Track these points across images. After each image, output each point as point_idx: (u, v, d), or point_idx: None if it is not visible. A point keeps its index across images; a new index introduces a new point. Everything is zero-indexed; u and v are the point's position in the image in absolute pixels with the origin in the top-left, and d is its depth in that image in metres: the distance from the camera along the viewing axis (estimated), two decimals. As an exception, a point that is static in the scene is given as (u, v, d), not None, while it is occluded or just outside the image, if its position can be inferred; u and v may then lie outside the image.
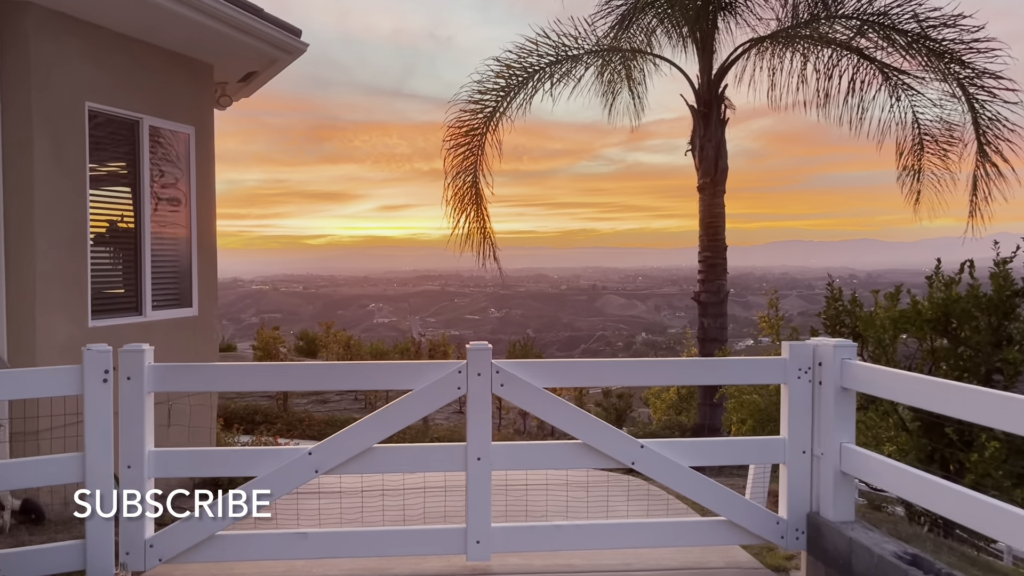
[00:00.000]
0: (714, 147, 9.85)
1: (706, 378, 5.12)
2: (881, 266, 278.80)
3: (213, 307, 8.03)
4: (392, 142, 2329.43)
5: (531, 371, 4.47)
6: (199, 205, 7.84)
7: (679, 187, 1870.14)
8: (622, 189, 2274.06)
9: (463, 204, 9.61)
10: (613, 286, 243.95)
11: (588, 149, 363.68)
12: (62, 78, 6.36)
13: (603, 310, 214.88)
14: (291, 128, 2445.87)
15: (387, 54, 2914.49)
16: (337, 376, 4.65)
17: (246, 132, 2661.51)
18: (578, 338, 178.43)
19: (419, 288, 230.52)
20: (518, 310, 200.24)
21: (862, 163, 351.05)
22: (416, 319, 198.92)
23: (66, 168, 6.38)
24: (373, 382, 4.75)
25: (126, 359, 4.27)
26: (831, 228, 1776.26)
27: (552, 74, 9.34)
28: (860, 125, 11.09)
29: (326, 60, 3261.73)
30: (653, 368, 4.76)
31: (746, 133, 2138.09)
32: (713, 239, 9.89)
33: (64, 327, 6.32)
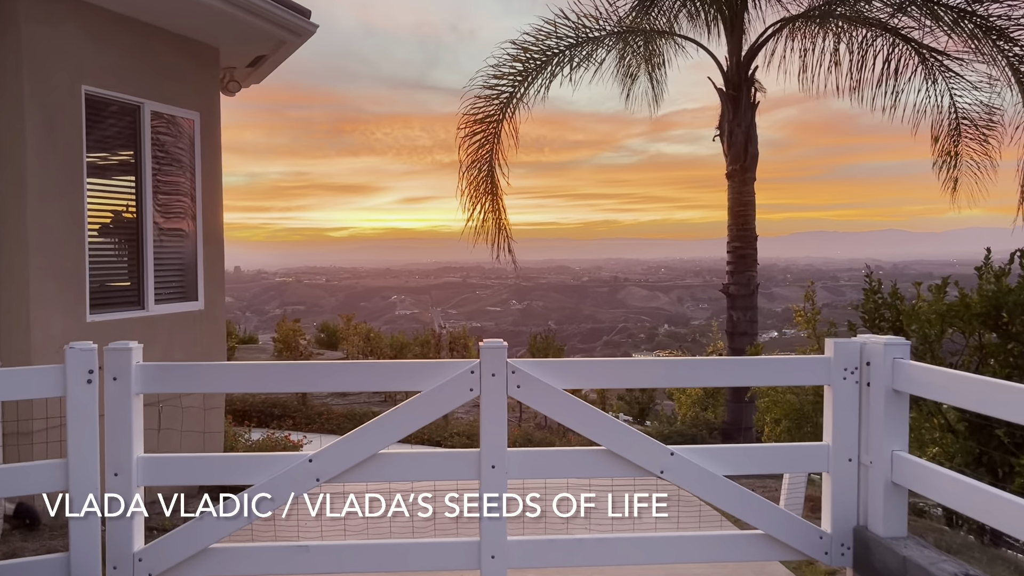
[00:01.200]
0: (744, 132, 9.40)
1: (742, 378, 4.70)
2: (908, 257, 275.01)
3: (221, 301, 7.73)
4: (414, 134, 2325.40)
5: (550, 371, 4.10)
6: (205, 194, 7.53)
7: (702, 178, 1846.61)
8: (644, 180, 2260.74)
9: (478, 194, 9.23)
10: (635, 278, 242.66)
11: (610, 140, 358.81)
12: (57, 61, 6.05)
13: (625, 302, 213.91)
14: (314, 121, 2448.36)
15: (410, 47, 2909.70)
16: (341, 377, 4.30)
17: (269, 125, 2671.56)
18: (600, 330, 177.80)
19: (441, 280, 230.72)
20: (540, 302, 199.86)
21: (889, 152, 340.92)
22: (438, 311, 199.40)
23: (61, 156, 6.08)
24: (380, 383, 4.40)
25: (112, 358, 3.95)
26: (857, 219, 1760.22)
27: (572, 57, 8.91)
28: (894, 110, 10.60)
29: (349, 52, 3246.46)
30: (684, 368, 4.35)
31: (770, 123, 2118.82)
32: (743, 229, 9.45)
33: (60, 322, 6.03)
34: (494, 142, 9.00)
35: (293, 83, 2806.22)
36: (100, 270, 6.58)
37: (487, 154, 9.02)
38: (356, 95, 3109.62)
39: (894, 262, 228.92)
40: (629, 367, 4.24)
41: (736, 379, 4.80)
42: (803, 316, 7.32)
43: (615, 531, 4.22)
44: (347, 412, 17.02)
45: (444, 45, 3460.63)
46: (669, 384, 4.87)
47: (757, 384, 4.07)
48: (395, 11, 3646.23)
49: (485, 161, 9.04)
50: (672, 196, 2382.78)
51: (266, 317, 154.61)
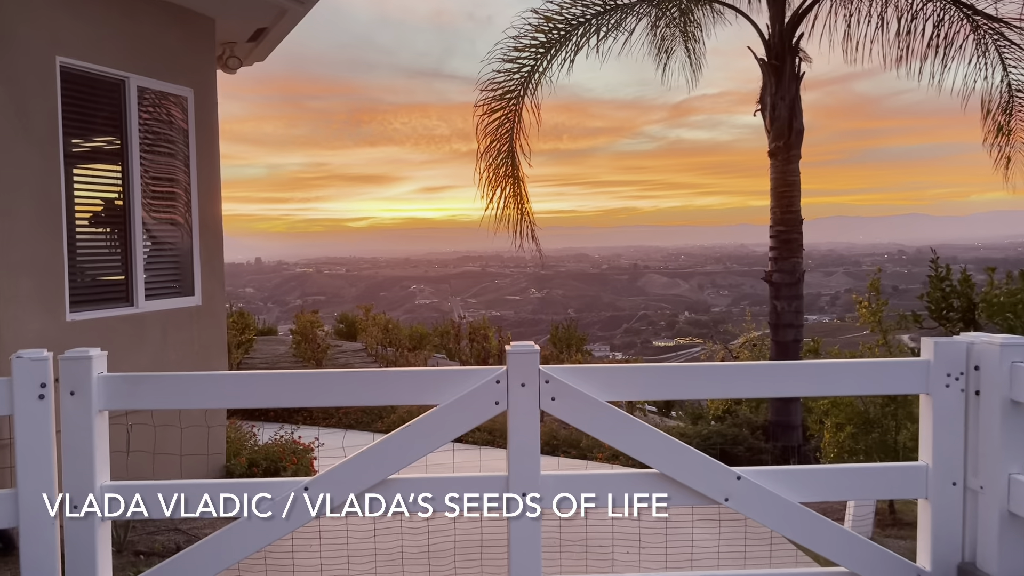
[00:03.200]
0: (788, 106, 8.62)
1: (828, 386, 3.90)
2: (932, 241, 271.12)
3: (221, 295, 7.08)
4: (432, 123, 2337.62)
5: (591, 380, 3.41)
6: (201, 178, 6.87)
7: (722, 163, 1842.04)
8: (664, 167, 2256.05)
9: (497, 178, 8.51)
10: (655, 265, 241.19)
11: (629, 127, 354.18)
12: (27, 29, 5.40)
13: (645, 289, 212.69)
14: (332, 111, 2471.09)
15: (427, 36, 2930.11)
16: (341, 388, 3.61)
17: (289, 116, 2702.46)
18: (620, 318, 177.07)
19: (460, 269, 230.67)
20: (559, 290, 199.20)
21: (912, 136, 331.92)
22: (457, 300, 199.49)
23: (34, 137, 5.44)
24: (387, 394, 3.73)
25: (69, 369, 3.30)
26: (879, 203, 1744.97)
27: (599, 27, 8.16)
28: (943, 81, 9.82)
29: (367, 43, 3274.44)
30: (756, 375, 3.59)
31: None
32: (787, 211, 8.68)
33: (36, 322, 5.40)
34: (514, 120, 8.27)
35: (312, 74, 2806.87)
36: (82, 263, 5.95)
37: (507, 134, 8.30)
38: (374, 85, 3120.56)
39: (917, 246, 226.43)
40: (691, 375, 3.51)
41: (820, 387, 4.00)
42: (867, 308, 6.58)
43: (671, 570, 3.54)
44: (365, 407, 16.52)
45: (461, 33, 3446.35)
46: (745, 395, 4.12)
47: (845, 394, 3.36)
48: (412, 1, 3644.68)
49: (505, 141, 8.32)
50: (692, 182, 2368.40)
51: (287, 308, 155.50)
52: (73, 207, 5.83)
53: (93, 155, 6.33)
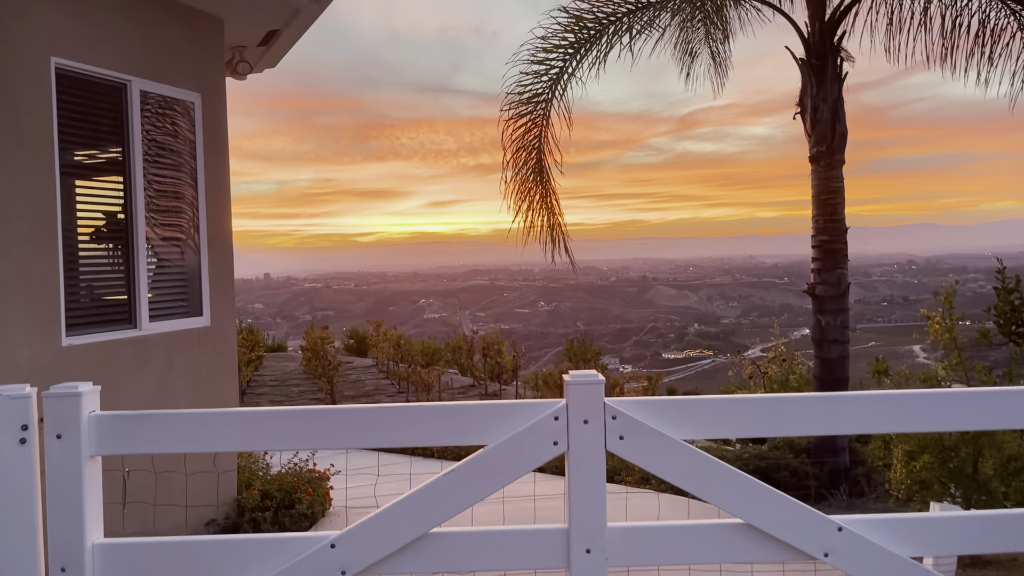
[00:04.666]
0: (830, 108, 8.11)
1: (971, 421, 3.20)
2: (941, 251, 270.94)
3: (231, 315, 6.59)
4: (439, 138, 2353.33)
5: (666, 415, 2.90)
6: (209, 189, 6.39)
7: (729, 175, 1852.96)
8: (671, 179, 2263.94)
9: (525, 187, 8.01)
10: (664, 277, 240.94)
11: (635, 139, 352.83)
12: (19, 28, 4.94)
13: (654, 301, 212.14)
14: (340, 127, 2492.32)
15: (434, 52, 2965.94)
16: (371, 427, 3.10)
17: (297, 132, 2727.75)
18: (629, 330, 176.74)
19: (469, 283, 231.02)
20: (568, 303, 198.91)
21: (920, 146, 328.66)
22: (466, 314, 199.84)
23: (27, 144, 4.97)
24: (425, 434, 3.21)
25: (55, 408, 2.82)
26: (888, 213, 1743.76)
27: (631, 25, 7.69)
28: (991, 79, 9.28)
29: (375, 60, 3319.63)
30: (887, 406, 2.93)
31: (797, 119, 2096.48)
32: (831, 219, 8.15)
33: (28, 347, 4.91)
34: (543, 125, 7.78)
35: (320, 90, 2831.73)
36: (79, 282, 5.46)
37: (535, 140, 7.81)
38: (381, 101, 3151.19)
39: (927, 256, 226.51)
40: (799, 407, 2.92)
41: (969, 422, 3.28)
42: (940, 325, 6.03)
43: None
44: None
45: (468, 48, 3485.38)
46: (884, 430, 3.49)
47: (1008, 427, 2.79)
48: (419, 17, 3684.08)
49: (533, 148, 7.82)
50: (699, 194, 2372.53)
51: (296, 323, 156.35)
52: (71, 220, 5.35)
53: (92, 164, 5.87)
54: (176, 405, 6.05)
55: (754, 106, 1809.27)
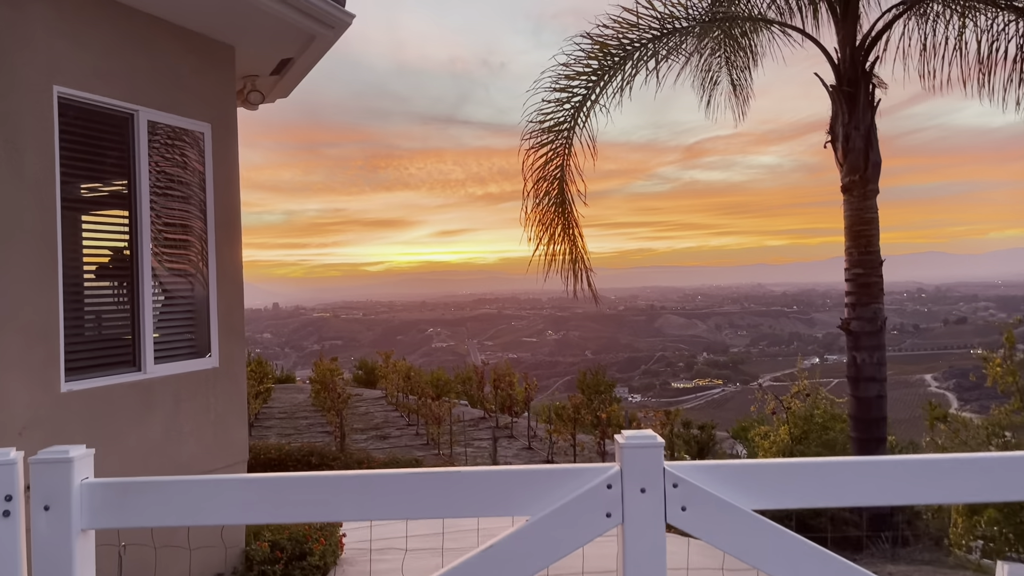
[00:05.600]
0: (863, 136, 7.80)
1: None
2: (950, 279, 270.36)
3: (240, 354, 6.25)
4: (447, 168, 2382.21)
5: (736, 482, 2.54)
6: (219, 224, 6.08)
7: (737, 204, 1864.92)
8: (678, 208, 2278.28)
9: (546, 218, 7.70)
10: (672, 305, 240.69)
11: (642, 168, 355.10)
12: (21, 55, 4.67)
13: (662, 330, 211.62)
14: (349, 158, 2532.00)
15: (442, 83, 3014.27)
16: (405, 497, 2.77)
17: (306, 164, 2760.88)
18: (638, 359, 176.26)
19: (476, 312, 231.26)
20: (576, 332, 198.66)
21: (927, 174, 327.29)
22: (474, 343, 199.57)
23: (27, 177, 4.67)
24: (458, 505, 2.86)
25: (43, 476, 2.48)
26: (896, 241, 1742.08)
27: (656, 51, 7.42)
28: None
29: (383, 92, 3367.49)
30: (1008, 471, 2.53)
31: (804, 148, 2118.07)
32: (865, 252, 7.80)
33: (25, 394, 4.58)
34: (565, 155, 7.49)
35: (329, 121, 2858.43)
36: (81, 323, 5.14)
37: (557, 170, 7.50)
38: (390, 131, 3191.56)
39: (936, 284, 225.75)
40: (905, 472, 2.53)
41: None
42: (1000, 368, 5.65)
43: None
44: (388, 460, 15.73)
45: (475, 80, 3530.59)
46: (995, 499, 3.03)
47: None
48: (427, 48, 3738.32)
49: (555, 179, 7.52)
50: (707, 223, 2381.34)
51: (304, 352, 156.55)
52: (73, 257, 5.04)
53: (96, 197, 5.57)
54: (182, 452, 5.71)
55: (762, 135, 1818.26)
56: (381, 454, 17.48)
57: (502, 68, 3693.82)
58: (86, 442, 4.81)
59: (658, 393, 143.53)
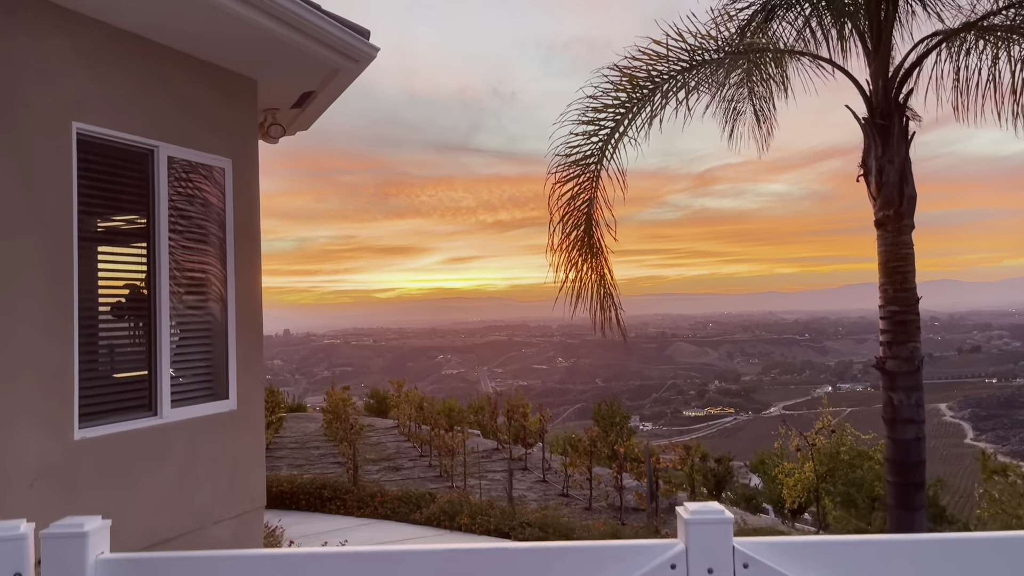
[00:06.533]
0: (897, 169, 7.59)
1: None
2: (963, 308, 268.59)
3: (259, 397, 6.03)
4: (458, 196, 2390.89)
5: (816, 561, 2.31)
6: (239, 262, 5.90)
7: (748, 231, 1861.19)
8: (689, 235, 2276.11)
9: (573, 255, 7.49)
10: (683, 333, 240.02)
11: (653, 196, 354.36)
12: (40, 90, 4.53)
13: (673, 358, 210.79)
14: (361, 185, 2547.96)
15: (453, 111, 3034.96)
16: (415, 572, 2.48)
17: (317, 191, 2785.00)
18: (649, 387, 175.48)
19: (486, 339, 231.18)
20: (586, 359, 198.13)
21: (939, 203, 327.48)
22: (484, 370, 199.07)
23: (44, 216, 4.51)
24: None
25: (55, 551, 2.28)
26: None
27: (686, 82, 7.26)
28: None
29: (395, 120, 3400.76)
30: None
31: (814, 176, 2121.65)
32: (900, 289, 7.56)
33: (37, 443, 4.38)
34: (592, 189, 7.30)
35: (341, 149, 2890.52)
36: (96, 367, 4.94)
37: (584, 204, 7.31)
38: (402, 159, 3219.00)
39: (950, 313, 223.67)
40: (1002, 552, 2.30)
41: None
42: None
43: None
44: (402, 493, 15.42)
45: (486, 108, 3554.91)
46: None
47: None
48: (438, 77, 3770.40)
49: (583, 214, 7.32)
50: (718, 250, 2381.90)
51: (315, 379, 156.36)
52: (89, 298, 4.86)
53: (114, 237, 5.40)
54: (197, 499, 5.48)
55: (772, 163, 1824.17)
56: (393, 486, 17.18)
57: (513, 97, 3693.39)
58: (99, 491, 4.61)
59: (669, 421, 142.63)
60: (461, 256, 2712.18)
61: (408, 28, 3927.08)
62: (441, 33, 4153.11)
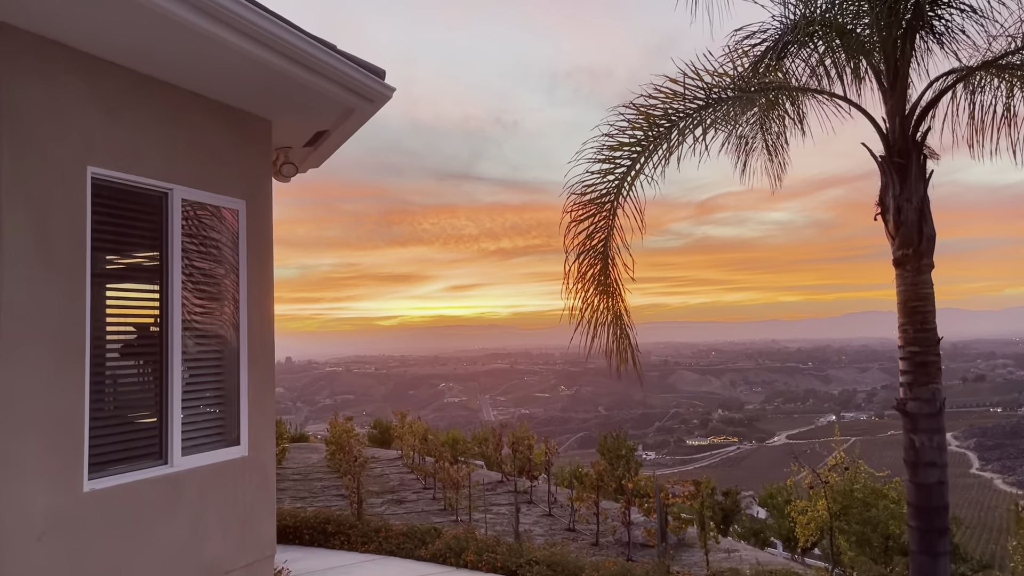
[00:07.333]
0: (916, 208, 7.49)
1: None
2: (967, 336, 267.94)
3: (270, 442, 5.89)
4: (460, 223, 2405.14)
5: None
6: (251, 304, 5.80)
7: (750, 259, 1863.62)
8: (691, 263, 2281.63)
9: (588, 294, 7.39)
10: (685, 361, 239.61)
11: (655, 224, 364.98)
12: (54, 134, 4.46)
13: (676, 386, 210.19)
14: (364, 213, 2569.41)
15: (455, 140, 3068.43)
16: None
17: (320, 219, 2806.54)
18: (652, 415, 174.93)
19: (488, 367, 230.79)
20: (588, 387, 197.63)
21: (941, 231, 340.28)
22: (486, 398, 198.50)
23: (56, 262, 4.41)
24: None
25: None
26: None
27: (702, 120, 7.20)
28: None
29: (398, 149, 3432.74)
30: None
31: (816, 204, 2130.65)
32: (921, 329, 7.42)
33: (46, 496, 4.25)
34: (608, 229, 7.22)
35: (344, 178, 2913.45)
36: (106, 415, 4.81)
37: (600, 244, 7.23)
38: (404, 188, 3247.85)
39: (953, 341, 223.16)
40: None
41: None
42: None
43: None
44: (407, 529, 15.21)
45: (489, 137, 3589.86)
46: None
47: None
48: (441, 106, 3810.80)
49: (598, 253, 7.23)
50: (720, 278, 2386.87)
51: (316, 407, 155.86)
52: (99, 345, 4.75)
53: (126, 281, 5.30)
54: (208, 547, 5.33)
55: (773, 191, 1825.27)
56: (398, 520, 16.98)
57: (515, 125, 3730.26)
58: (108, 543, 4.47)
59: (673, 450, 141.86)
60: (463, 284, 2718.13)
61: (411, 57, 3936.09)
62: (444, 62, 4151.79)
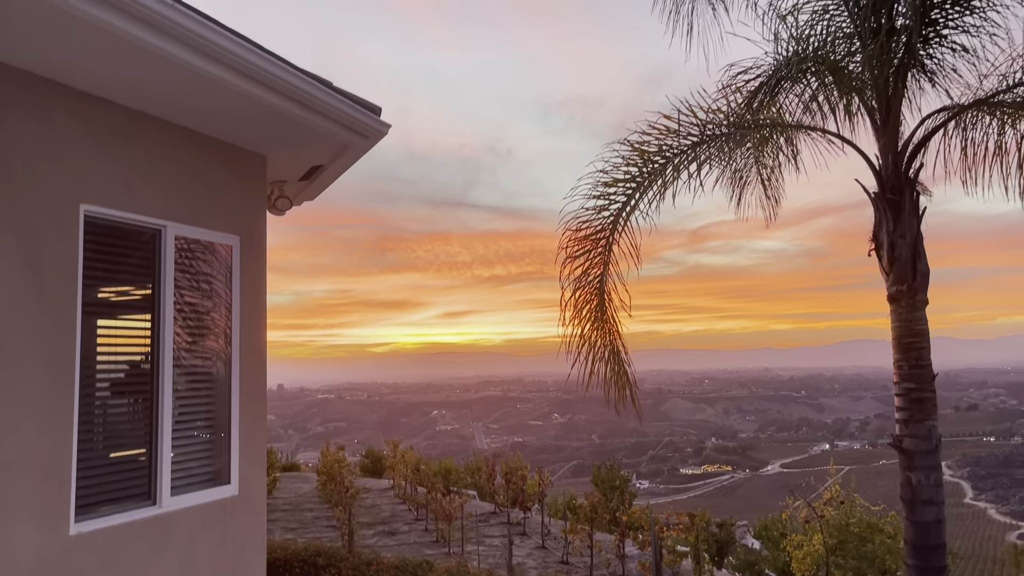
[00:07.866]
0: (909, 244, 7.52)
1: None
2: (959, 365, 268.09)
3: (261, 480, 5.81)
4: (454, 251, 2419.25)
5: None
6: (243, 340, 5.75)
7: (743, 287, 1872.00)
8: (684, 291, 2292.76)
9: (585, 330, 7.36)
10: (679, 389, 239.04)
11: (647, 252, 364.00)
12: (47, 171, 4.43)
13: (669, 414, 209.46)
14: (358, 240, 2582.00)
15: (450, 168, 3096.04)
16: None
17: (314, 245, 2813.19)
18: (645, 444, 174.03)
19: (481, 394, 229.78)
20: (581, 415, 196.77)
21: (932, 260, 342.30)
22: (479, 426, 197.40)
23: (48, 300, 4.37)
24: None
25: None
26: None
27: (697, 156, 7.23)
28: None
29: (393, 177, 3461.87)
30: None
31: (808, 233, 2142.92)
32: (916, 365, 7.41)
33: (32, 539, 4.17)
34: (603, 266, 7.21)
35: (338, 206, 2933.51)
36: (94, 456, 4.73)
37: (596, 280, 7.22)
38: (398, 215, 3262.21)
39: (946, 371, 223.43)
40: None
41: None
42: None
43: None
44: (399, 562, 15.01)
45: (483, 165, 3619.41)
46: None
47: None
48: (436, 135, 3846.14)
49: (594, 288, 7.22)
50: (713, 306, 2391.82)
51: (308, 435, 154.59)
52: (89, 383, 4.69)
53: (117, 318, 5.24)
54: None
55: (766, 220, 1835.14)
56: (389, 552, 16.77)
57: (509, 154, 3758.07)
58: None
59: (666, 479, 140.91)
60: (456, 311, 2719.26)
61: (406, 86, 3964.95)
62: (439, 91, 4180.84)
